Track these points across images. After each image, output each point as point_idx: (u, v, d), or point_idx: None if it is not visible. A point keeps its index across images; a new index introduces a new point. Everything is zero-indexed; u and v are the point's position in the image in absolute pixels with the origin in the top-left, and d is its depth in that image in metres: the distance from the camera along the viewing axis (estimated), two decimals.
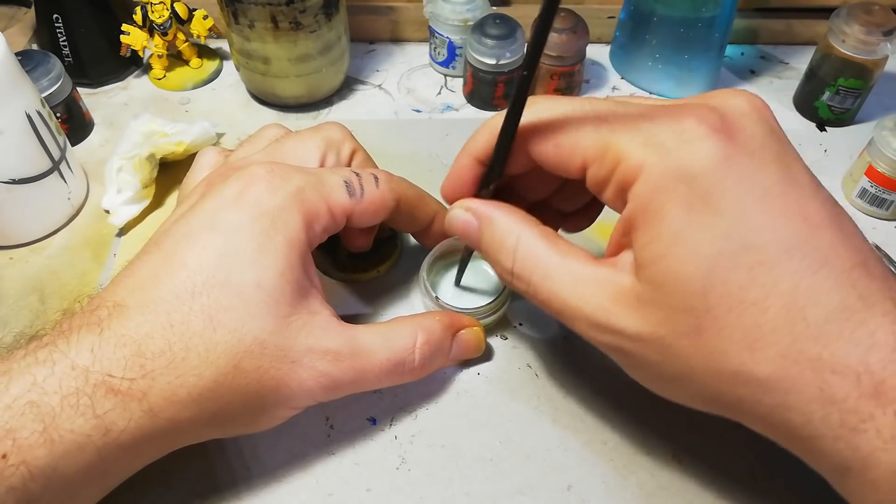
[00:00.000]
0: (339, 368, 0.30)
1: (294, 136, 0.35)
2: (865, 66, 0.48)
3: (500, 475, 0.33)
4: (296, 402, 0.30)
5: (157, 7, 0.51)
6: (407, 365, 0.32)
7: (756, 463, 0.33)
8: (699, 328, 0.24)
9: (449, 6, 0.52)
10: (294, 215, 0.29)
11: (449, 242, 0.39)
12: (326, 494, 0.32)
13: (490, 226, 0.30)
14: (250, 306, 0.28)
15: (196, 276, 0.27)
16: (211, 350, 0.27)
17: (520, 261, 0.29)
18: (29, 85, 0.40)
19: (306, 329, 0.29)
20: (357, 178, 0.32)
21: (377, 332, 0.32)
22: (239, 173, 0.30)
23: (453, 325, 0.34)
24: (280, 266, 0.28)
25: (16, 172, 0.39)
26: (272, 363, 0.28)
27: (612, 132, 0.26)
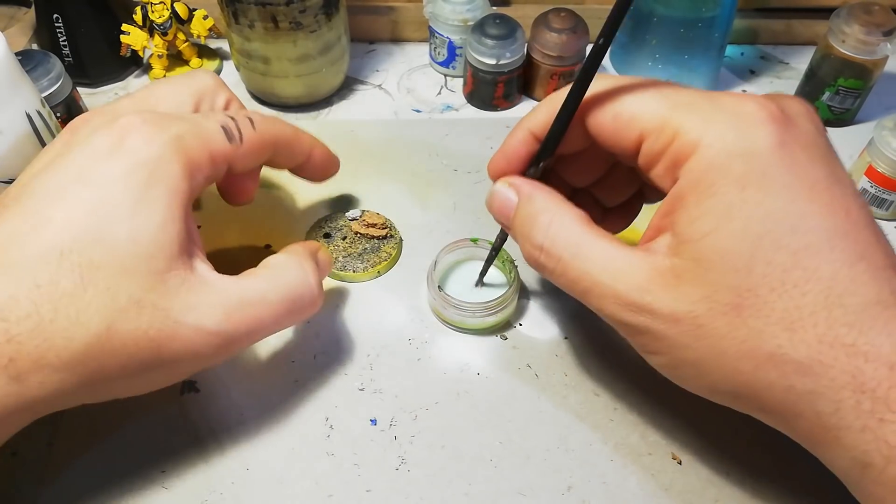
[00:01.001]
0: (231, 323, 0.28)
1: (164, 83, 0.34)
2: (865, 66, 0.48)
3: (500, 475, 0.33)
4: (181, 366, 0.28)
5: (157, 7, 0.51)
6: (307, 296, 0.31)
7: (756, 464, 0.33)
8: (738, 307, 0.24)
9: (449, 6, 0.52)
10: (174, 165, 0.28)
11: (455, 242, 0.39)
12: (326, 495, 0.32)
13: (528, 202, 0.30)
14: (125, 262, 0.26)
15: (64, 233, 0.25)
16: (82, 311, 0.25)
17: (552, 237, 0.29)
18: (29, 85, 0.40)
19: (186, 286, 0.27)
20: (233, 122, 0.31)
21: (264, 275, 0.30)
22: (111, 124, 0.28)
23: (313, 249, 0.34)
24: (159, 219, 0.27)
25: (16, 172, 0.39)
26: (151, 323, 0.26)
27: (673, 108, 0.27)
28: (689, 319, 0.25)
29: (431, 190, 0.46)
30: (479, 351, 0.38)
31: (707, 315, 0.25)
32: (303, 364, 0.37)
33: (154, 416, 0.34)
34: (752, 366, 0.25)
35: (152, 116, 0.29)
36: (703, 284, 0.25)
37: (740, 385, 0.25)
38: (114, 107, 0.31)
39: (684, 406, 0.35)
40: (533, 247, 0.29)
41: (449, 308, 0.37)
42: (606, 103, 0.28)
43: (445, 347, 0.38)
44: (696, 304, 0.25)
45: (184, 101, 0.33)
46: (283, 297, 0.30)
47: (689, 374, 0.27)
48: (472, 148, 0.49)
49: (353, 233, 0.42)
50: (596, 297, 0.28)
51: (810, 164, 0.25)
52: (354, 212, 0.42)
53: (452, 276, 0.40)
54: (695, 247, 0.25)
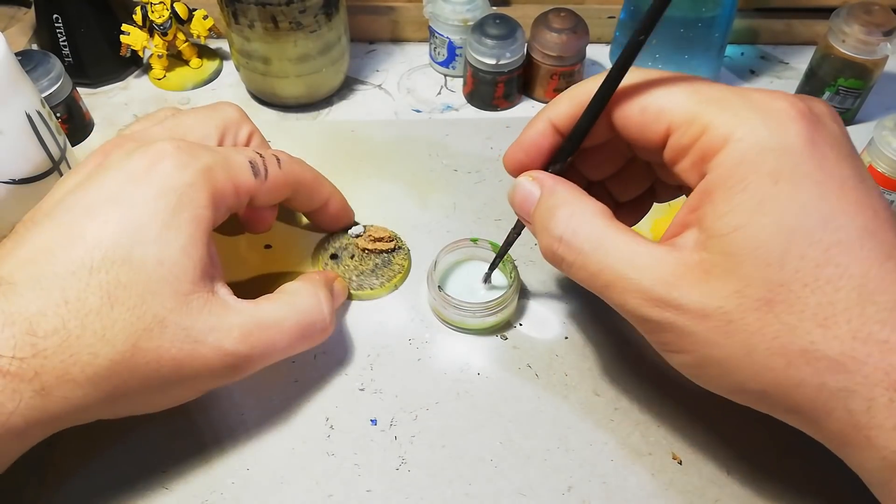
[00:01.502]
0: (247, 344, 0.29)
1: (192, 114, 0.35)
2: (865, 66, 0.48)
3: (500, 476, 0.33)
4: (199, 383, 0.29)
5: (157, 7, 0.51)
6: (319, 323, 0.33)
7: (756, 464, 0.33)
8: (770, 302, 0.24)
9: (449, 6, 0.52)
10: (201, 193, 0.29)
11: (455, 242, 0.39)
12: (326, 495, 0.32)
13: (550, 195, 0.30)
14: (151, 283, 0.27)
15: (94, 251, 0.26)
16: (108, 328, 0.26)
17: (572, 229, 0.28)
18: (29, 85, 0.40)
19: (207, 307, 0.28)
20: (261, 158, 0.33)
21: (280, 300, 0.32)
22: (145, 148, 0.29)
23: (329, 279, 0.36)
24: (183, 243, 0.28)
25: (16, 172, 0.39)
26: (173, 342, 0.27)
27: (702, 102, 0.27)
28: (719, 315, 0.25)
29: (431, 190, 0.46)
30: (479, 351, 0.38)
31: (737, 310, 0.24)
32: (303, 364, 0.37)
33: (155, 416, 0.34)
34: (784, 362, 0.24)
35: (185, 145, 0.30)
36: (734, 279, 0.24)
37: (770, 383, 0.25)
38: (145, 134, 0.33)
39: (684, 406, 0.35)
40: (552, 238, 0.29)
41: (449, 308, 0.37)
42: (634, 96, 0.28)
43: (445, 347, 0.38)
44: (727, 299, 0.25)
45: (209, 133, 0.34)
46: (297, 322, 0.31)
47: (715, 373, 0.26)
48: (472, 148, 0.49)
49: (360, 250, 0.41)
50: (618, 291, 0.27)
51: (838, 162, 0.25)
52: (356, 228, 0.42)
53: (452, 276, 0.40)
54: (725, 241, 0.25)
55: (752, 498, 0.32)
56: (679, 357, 0.27)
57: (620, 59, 0.27)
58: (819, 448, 0.31)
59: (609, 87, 0.28)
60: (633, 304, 0.27)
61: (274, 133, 0.49)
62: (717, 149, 0.25)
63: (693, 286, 0.25)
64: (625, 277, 0.27)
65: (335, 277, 0.38)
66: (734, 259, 0.25)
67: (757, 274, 0.24)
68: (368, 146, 0.49)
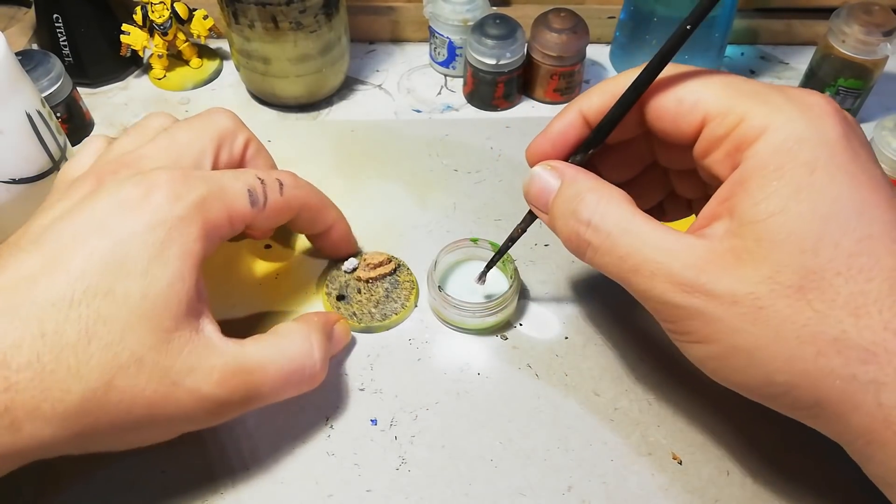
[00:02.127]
0: (226, 389, 0.28)
1: (186, 128, 0.33)
2: (865, 66, 0.48)
3: (500, 476, 0.33)
4: (173, 426, 0.28)
5: (157, 7, 0.51)
6: (307, 370, 0.31)
7: (756, 464, 0.33)
8: (802, 289, 0.24)
9: (449, 6, 0.52)
10: (193, 226, 0.28)
11: (455, 242, 0.39)
12: (326, 495, 0.32)
13: (573, 182, 0.29)
14: (132, 319, 0.26)
15: (77, 283, 0.25)
16: (83, 364, 0.25)
17: (601, 213, 0.28)
18: (29, 85, 0.40)
19: (189, 347, 0.27)
20: (261, 185, 0.31)
21: (268, 342, 0.30)
22: (139, 177, 0.28)
23: (329, 321, 0.34)
24: (170, 278, 0.27)
25: (16, 172, 0.39)
26: (148, 383, 0.26)
27: (739, 95, 0.27)
28: (749, 301, 0.24)
29: (431, 190, 0.46)
30: (479, 351, 0.38)
31: (769, 296, 0.24)
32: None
33: None
34: (814, 351, 0.24)
35: (180, 175, 0.29)
36: (766, 265, 0.24)
37: (798, 374, 0.24)
38: (139, 156, 0.31)
39: (684, 406, 0.35)
40: (580, 223, 0.28)
41: (449, 308, 0.37)
42: (670, 87, 0.28)
43: (445, 347, 0.38)
44: (758, 284, 0.24)
45: (205, 148, 0.33)
46: (282, 368, 0.30)
47: (740, 364, 0.26)
48: (472, 148, 0.49)
49: (364, 282, 0.39)
50: (645, 275, 0.27)
51: (868, 159, 0.26)
52: (349, 263, 0.40)
53: (452, 276, 0.40)
54: (759, 227, 0.25)
55: (752, 498, 0.32)
56: (702, 348, 0.26)
57: (664, 48, 0.28)
58: (819, 448, 0.31)
59: (648, 76, 0.28)
60: (660, 290, 0.26)
61: (274, 133, 0.49)
62: (753, 138, 0.26)
63: (723, 271, 0.25)
64: (653, 261, 0.26)
65: (337, 320, 0.35)
66: (768, 245, 0.24)
67: (790, 260, 0.24)
68: (368, 146, 0.49)
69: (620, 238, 0.27)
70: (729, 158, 0.27)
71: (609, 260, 0.28)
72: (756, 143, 0.25)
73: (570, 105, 0.31)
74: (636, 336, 0.38)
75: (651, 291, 0.27)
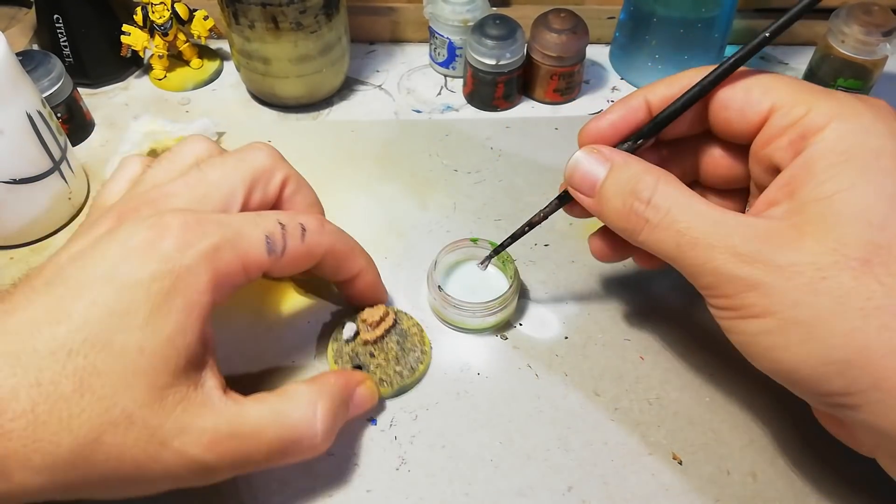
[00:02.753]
0: (215, 453, 0.27)
1: (219, 165, 0.32)
2: (865, 66, 0.48)
3: (500, 476, 0.33)
4: (159, 485, 0.27)
5: (157, 7, 0.51)
6: (306, 441, 0.29)
7: (756, 464, 0.33)
8: (868, 262, 0.24)
9: (449, 7, 0.52)
10: (202, 276, 0.27)
11: (455, 242, 0.39)
12: (326, 495, 0.32)
13: (626, 166, 0.30)
14: (127, 373, 0.25)
15: (77, 333, 0.25)
16: (74, 417, 0.24)
17: (661, 191, 0.28)
18: (29, 85, 0.40)
19: (183, 404, 0.26)
20: (282, 231, 0.30)
21: (269, 405, 0.29)
22: (153, 219, 0.27)
23: (349, 385, 0.32)
24: (171, 332, 0.26)
25: (16, 172, 0.39)
26: (136, 442, 0.25)
27: (805, 89, 0.28)
28: (811, 271, 0.24)
29: (431, 190, 0.46)
30: (479, 351, 0.38)
31: (832, 267, 0.24)
32: (304, 364, 0.37)
33: None
34: (878, 325, 0.23)
35: (194, 220, 0.28)
36: (831, 237, 0.24)
37: (858, 349, 0.24)
38: (164, 193, 0.30)
39: (684, 406, 0.35)
40: (640, 201, 0.28)
41: (449, 308, 0.37)
42: (738, 79, 0.30)
43: (445, 347, 0.38)
44: (821, 255, 0.24)
45: (235, 188, 0.31)
46: (279, 436, 0.28)
47: (797, 338, 0.25)
48: (472, 148, 0.49)
49: (372, 343, 0.36)
50: (703, 248, 0.26)
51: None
52: (348, 329, 0.36)
53: (452, 276, 0.40)
54: (824, 204, 0.25)
55: (753, 497, 0.32)
56: (758, 323, 0.26)
57: (739, 55, 0.29)
58: (819, 447, 0.31)
59: (717, 78, 0.29)
60: (720, 260, 0.26)
61: (274, 133, 0.49)
62: (820, 127, 0.26)
63: (786, 243, 0.25)
64: (713, 234, 0.26)
65: (360, 381, 0.33)
66: (833, 219, 0.24)
67: (857, 234, 0.24)
68: (368, 146, 0.49)
69: (681, 214, 0.27)
70: (793, 146, 0.27)
71: (667, 234, 0.28)
72: (823, 131, 0.26)
73: (636, 92, 0.32)
74: (636, 336, 0.38)
75: (710, 263, 0.26)
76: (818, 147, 0.26)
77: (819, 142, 0.26)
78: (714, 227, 0.27)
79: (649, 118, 0.31)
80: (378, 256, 0.42)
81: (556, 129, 0.51)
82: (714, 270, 0.26)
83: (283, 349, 0.37)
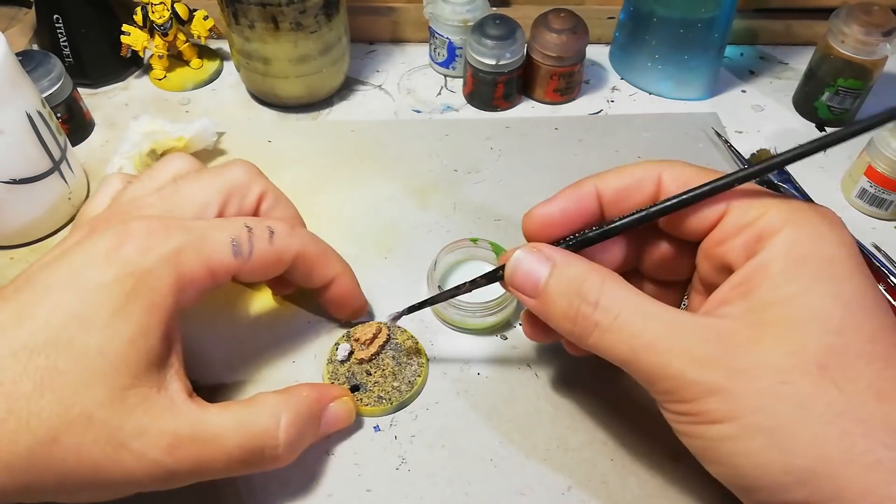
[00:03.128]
0: (174, 457, 0.26)
1: (194, 179, 0.32)
2: (865, 66, 0.48)
3: (499, 475, 0.33)
4: (119, 489, 0.27)
5: (157, 7, 0.51)
6: (267, 451, 0.29)
7: None
8: (826, 367, 0.23)
9: (449, 7, 0.52)
10: (163, 279, 0.27)
11: (455, 242, 0.39)
12: (326, 495, 0.32)
13: (568, 265, 0.28)
14: (87, 374, 0.25)
15: (39, 334, 0.25)
16: (33, 416, 0.24)
17: (608, 292, 0.27)
18: (29, 85, 0.40)
19: (144, 406, 0.26)
20: (248, 233, 0.30)
21: (232, 413, 0.28)
22: (117, 227, 0.28)
23: (322, 399, 0.32)
24: (131, 332, 0.26)
25: (16, 172, 0.39)
26: (95, 442, 0.25)
27: (761, 192, 0.28)
28: (772, 374, 0.24)
29: (431, 190, 0.46)
30: (479, 351, 0.38)
31: (792, 372, 0.23)
32: (304, 364, 0.37)
33: None
34: (839, 432, 0.23)
35: (158, 225, 0.28)
36: (789, 341, 0.24)
37: (820, 458, 0.23)
38: (137, 206, 0.31)
39: None
40: (587, 304, 0.27)
41: (449, 308, 0.37)
42: (689, 182, 0.28)
43: (445, 347, 0.38)
44: (781, 358, 0.24)
45: (210, 200, 0.32)
46: (239, 444, 0.28)
47: (757, 445, 0.24)
48: (472, 148, 0.49)
49: (367, 361, 0.36)
50: (659, 352, 0.25)
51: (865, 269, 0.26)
52: (342, 350, 0.36)
53: (452, 276, 0.40)
54: (781, 307, 0.25)
55: None
56: (716, 429, 0.25)
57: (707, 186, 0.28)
58: None
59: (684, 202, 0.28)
60: (677, 366, 0.25)
61: (274, 133, 0.49)
62: (775, 231, 0.26)
63: (744, 346, 0.24)
64: (668, 337, 0.25)
65: (335, 397, 0.33)
66: (791, 323, 0.24)
67: (814, 338, 0.24)
68: (368, 146, 0.49)
69: (632, 316, 0.26)
70: (747, 247, 0.27)
71: (618, 338, 0.26)
72: (779, 234, 0.26)
73: (586, 179, 0.31)
74: None
75: (667, 369, 0.25)
76: (774, 250, 0.26)
77: (775, 245, 0.26)
78: (668, 329, 0.26)
79: (598, 208, 0.30)
80: (378, 256, 0.42)
81: (555, 129, 0.51)
82: (672, 375, 0.25)
83: (283, 349, 0.37)
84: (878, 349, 0.24)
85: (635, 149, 0.49)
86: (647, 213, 0.29)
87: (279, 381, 0.36)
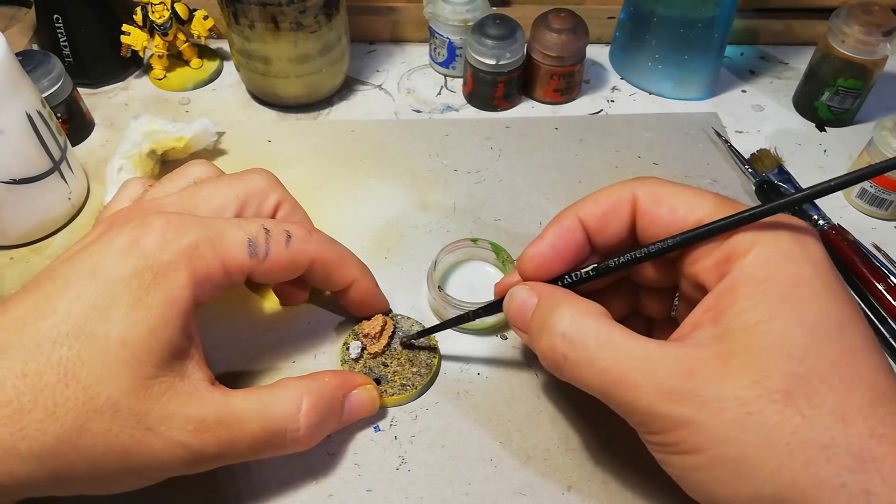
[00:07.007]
0: (201, 440, 0.27)
1: (213, 182, 0.33)
2: (865, 66, 0.48)
3: (500, 475, 0.33)
4: (149, 473, 0.28)
5: (157, 7, 0.51)
6: (289, 434, 0.30)
7: None
8: (790, 394, 0.24)
9: (449, 6, 0.52)
10: (180, 273, 0.28)
11: (455, 242, 0.39)
12: (326, 495, 0.32)
13: (549, 297, 0.29)
14: (110, 363, 0.26)
15: (61, 326, 0.26)
16: (59, 405, 0.25)
17: (577, 325, 0.27)
18: (29, 85, 0.40)
19: (169, 393, 0.27)
20: (265, 234, 0.31)
21: (255, 397, 0.29)
22: (136, 222, 0.29)
23: (344, 385, 0.33)
24: (152, 323, 0.27)
25: (16, 172, 0.39)
26: (123, 428, 0.26)
27: (731, 210, 0.27)
28: (737, 406, 0.24)
29: (431, 190, 0.46)
30: (479, 351, 0.38)
31: (757, 401, 0.24)
32: (304, 364, 0.37)
33: None
34: (804, 460, 0.23)
35: (177, 220, 0.29)
36: (753, 370, 0.24)
37: (787, 486, 0.23)
38: (157, 204, 0.31)
39: None
40: (556, 335, 0.28)
41: (449, 308, 0.37)
42: (663, 198, 0.29)
43: (445, 347, 0.38)
44: (745, 389, 0.24)
45: (227, 202, 0.32)
46: (262, 428, 0.29)
47: (726, 475, 0.24)
48: (472, 148, 0.49)
49: (381, 354, 0.36)
50: (629, 387, 0.26)
51: (842, 282, 0.26)
52: (354, 348, 0.36)
53: (452, 276, 0.40)
54: (746, 334, 0.25)
55: None
56: (688, 459, 0.25)
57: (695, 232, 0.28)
58: None
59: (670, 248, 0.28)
60: (646, 400, 0.25)
61: (274, 133, 0.49)
62: (743, 251, 0.26)
63: (710, 378, 0.25)
64: (636, 371, 0.26)
65: (358, 385, 0.33)
66: (754, 351, 0.24)
67: (777, 366, 0.24)
68: (368, 146, 0.49)
69: (599, 350, 0.27)
70: (717, 268, 0.27)
71: (589, 373, 0.27)
72: (746, 256, 0.26)
73: (566, 211, 0.31)
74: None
75: (636, 403, 0.26)
76: (741, 273, 0.26)
77: (742, 267, 0.26)
78: (637, 362, 0.26)
79: (585, 237, 0.31)
80: (378, 256, 0.42)
81: (556, 129, 0.51)
82: (642, 410, 0.26)
83: (283, 349, 0.37)
84: (842, 372, 0.24)
85: (635, 149, 0.49)
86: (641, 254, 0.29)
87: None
